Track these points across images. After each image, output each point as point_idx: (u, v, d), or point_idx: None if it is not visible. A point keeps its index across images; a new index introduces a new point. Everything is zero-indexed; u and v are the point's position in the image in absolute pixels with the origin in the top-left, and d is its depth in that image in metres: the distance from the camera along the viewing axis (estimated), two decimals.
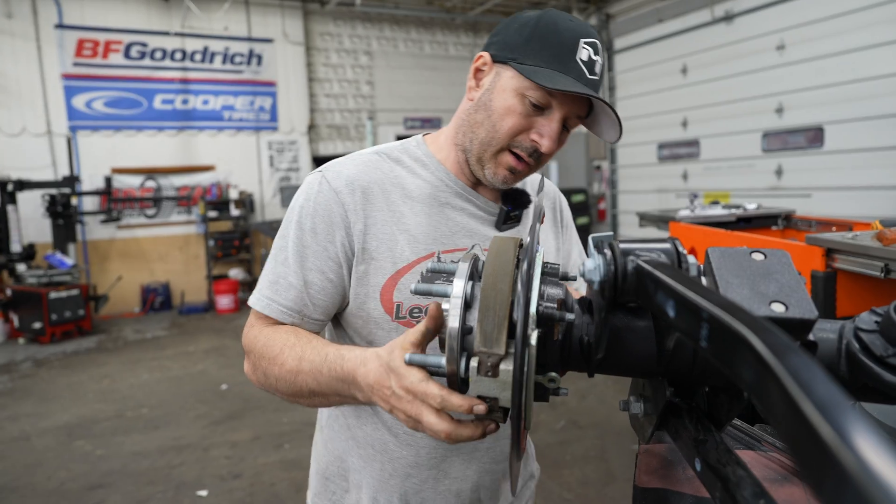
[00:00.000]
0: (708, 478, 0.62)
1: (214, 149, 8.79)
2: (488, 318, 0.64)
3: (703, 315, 0.45)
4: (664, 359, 0.65)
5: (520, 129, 0.97)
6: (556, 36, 0.94)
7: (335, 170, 1.02)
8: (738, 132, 7.32)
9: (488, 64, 1.00)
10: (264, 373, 0.97)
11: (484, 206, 1.08)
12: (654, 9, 8.36)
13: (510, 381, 0.64)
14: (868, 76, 5.96)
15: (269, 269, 1.02)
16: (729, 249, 0.67)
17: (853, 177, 6.21)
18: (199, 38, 8.55)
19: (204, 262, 8.66)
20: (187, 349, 6.26)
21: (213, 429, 4.09)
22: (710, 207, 3.17)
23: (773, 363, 0.36)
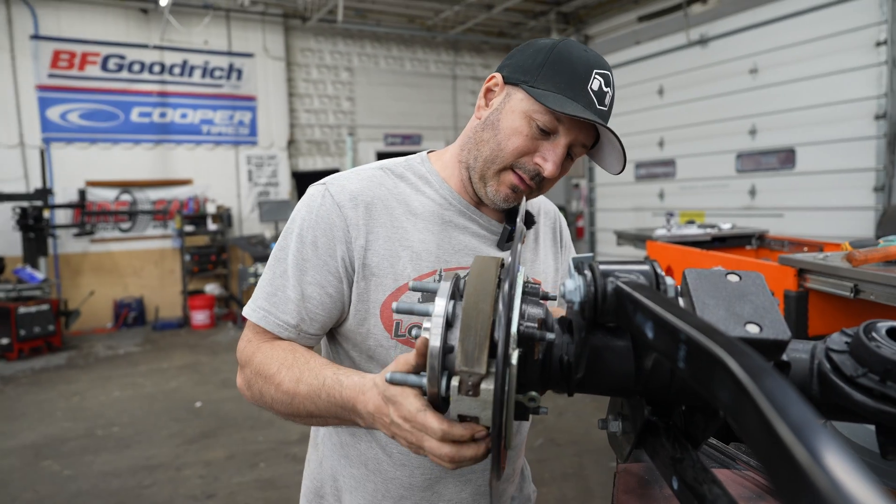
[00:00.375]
0: (685, 496, 0.63)
1: (192, 163, 8.71)
2: (469, 338, 0.64)
3: (680, 336, 0.46)
4: (642, 378, 0.66)
5: (525, 151, 0.98)
6: (570, 64, 0.95)
7: (339, 183, 1.02)
8: (713, 153, 7.47)
9: (500, 85, 1.01)
10: (260, 391, 0.97)
11: (487, 226, 1.08)
12: (631, 31, 8.54)
13: (491, 400, 0.64)
14: (838, 100, 6.14)
15: (266, 281, 1.02)
16: (705, 271, 0.68)
17: (823, 198, 6.37)
18: (179, 51, 8.50)
19: (179, 277, 8.54)
20: (161, 366, 6.14)
21: (187, 448, 4.01)
22: (685, 227, 3.23)
23: (748, 385, 0.36)
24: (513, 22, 9.84)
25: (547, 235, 1.20)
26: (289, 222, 1.03)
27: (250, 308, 1.01)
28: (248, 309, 1.01)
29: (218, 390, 5.23)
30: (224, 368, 5.91)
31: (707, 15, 7.39)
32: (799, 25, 6.41)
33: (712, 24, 7.36)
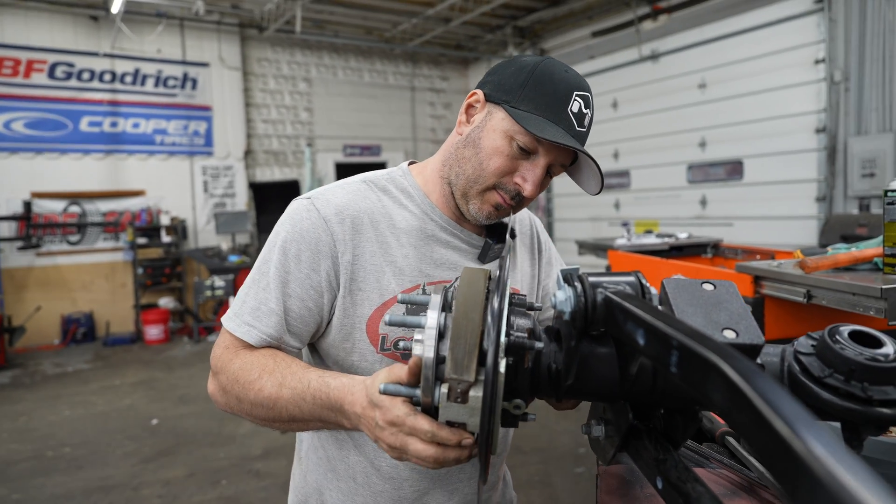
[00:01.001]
0: (670, 495, 0.67)
1: (145, 173, 8.48)
2: (459, 347, 0.66)
3: (672, 343, 0.49)
4: (627, 383, 0.69)
5: (505, 171, 0.99)
6: (551, 85, 0.96)
7: (324, 197, 1.02)
8: (665, 164, 7.71)
9: (481, 102, 1.02)
10: (237, 397, 0.94)
11: (468, 240, 1.09)
12: (585, 46, 8.76)
13: (478, 406, 0.67)
14: (781, 114, 6.44)
15: (249, 294, 1.00)
16: (682, 280, 0.73)
17: (770, 207, 6.66)
18: (131, 59, 8.30)
19: (132, 291, 8.28)
20: (113, 383, 5.94)
21: (144, 466, 3.88)
22: (644, 236, 3.33)
23: (743, 386, 0.40)
24: (470, 35, 9.97)
25: (524, 243, 1.22)
26: (272, 235, 1.03)
27: (234, 322, 0.99)
28: (232, 323, 1.00)
29: (175, 407, 5.09)
30: (180, 384, 5.76)
31: (658, 31, 7.65)
32: (744, 43, 6.71)
33: (663, 41, 7.63)
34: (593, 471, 3.02)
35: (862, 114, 5.83)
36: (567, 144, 0.94)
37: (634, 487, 0.87)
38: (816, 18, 6.09)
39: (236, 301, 1.02)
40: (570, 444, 3.95)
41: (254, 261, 7.98)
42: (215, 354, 1.00)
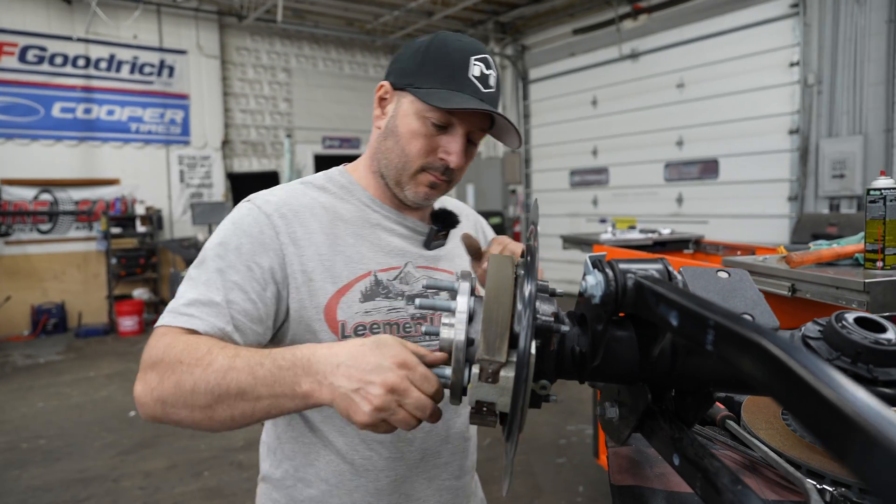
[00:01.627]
0: (687, 470, 0.70)
1: (119, 161, 8.32)
2: (491, 329, 0.69)
3: (709, 323, 0.52)
4: (648, 366, 0.73)
5: (428, 150, 1.01)
6: (447, 57, 0.98)
7: (263, 197, 1.02)
8: (643, 162, 7.84)
9: (389, 92, 1.04)
10: (176, 381, 0.80)
11: (412, 227, 1.11)
12: (566, 43, 8.84)
13: (509, 386, 0.70)
14: (756, 115, 6.60)
15: (187, 291, 0.92)
16: (698, 269, 0.76)
17: (744, 206, 6.82)
18: (106, 45, 8.12)
19: (105, 282, 8.12)
20: (87, 374, 5.83)
21: (123, 458, 3.84)
22: (628, 232, 3.40)
23: (785, 359, 0.43)
24: (452, 29, 9.96)
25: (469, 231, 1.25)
26: (211, 237, 0.99)
27: (170, 316, 0.89)
28: (168, 317, 0.89)
29: None
30: None
31: (638, 31, 7.76)
32: (722, 44, 6.85)
33: (643, 40, 7.74)
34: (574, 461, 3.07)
35: (833, 116, 6.00)
36: (473, 108, 0.96)
37: (644, 467, 0.91)
38: (792, 22, 6.25)
39: (172, 303, 0.92)
40: (552, 436, 4.01)
41: None
42: (149, 347, 0.86)
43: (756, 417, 0.99)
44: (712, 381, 0.75)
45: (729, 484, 0.64)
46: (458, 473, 1.14)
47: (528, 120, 9.70)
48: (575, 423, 4.23)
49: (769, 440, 0.91)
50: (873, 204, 1.59)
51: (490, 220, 9.27)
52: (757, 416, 0.99)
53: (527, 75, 9.66)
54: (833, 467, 0.82)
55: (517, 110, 9.76)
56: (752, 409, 1.02)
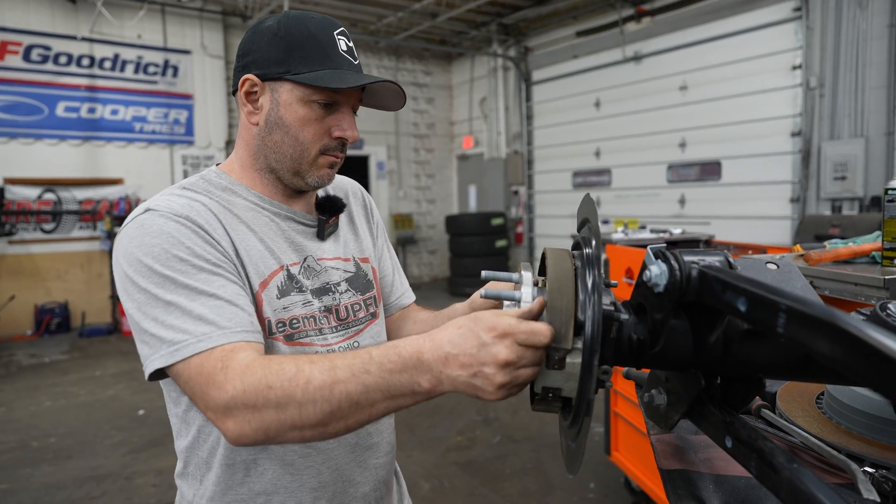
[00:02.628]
0: (741, 452, 0.74)
1: (123, 161, 8.33)
2: (556, 317, 0.73)
3: (780, 307, 0.56)
4: (703, 353, 0.77)
5: (321, 133, 1.01)
6: (313, 38, 0.98)
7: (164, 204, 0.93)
8: (645, 163, 7.88)
9: (258, 84, 1.00)
10: (276, 405, 0.75)
11: (303, 220, 1.09)
12: (569, 45, 8.89)
13: (575, 372, 0.74)
14: (758, 118, 6.65)
15: (182, 314, 0.83)
16: (748, 260, 0.80)
17: (746, 207, 6.87)
18: (110, 44, 8.13)
19: (108, 281, 8.13)
20: (93, 374, 5.85)
21: (135, 456, 3.86)
22: (639, 231, 3.45)
23: (867, 336, 0.47)
24: (455, 31, 10.02)
25: (360, 214, 1.24)
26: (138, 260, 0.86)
27: (193, 344, 0.81)
28: (191, 346, 0.81)
29: (160, 398, 4.98)
30: None
31: (641, 33, 7.81)
32: (725, 47, 6.90)
33: (646, 42, 7.79)
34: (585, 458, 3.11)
35: (835, 119, 6.05)
36: (366, 82, 0.97)
37: (689, 453, 0.94)
38: (794, 26, 6.31)
39: (166, 337, 0.82)
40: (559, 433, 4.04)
41: None
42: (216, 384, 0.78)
43: (791, 406, 1.02)
44: (763, 367, 0.78)
45: (785, 462, 0.68)
46: (386, 450, 1.15)
47: (531, 121, 9.75)
48: None
49: (807, 427, 0.94)
50: (891, 203, 1.63)
51: (493, 221, 9.30)
52: (792, 405, 1.03)
53: (530, 77, 9.70)
54: (871, 450, 0.86)
55: (520, 112, 9.81)
56: (787, 398, 1.05)
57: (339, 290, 1.10)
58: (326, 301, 1.07)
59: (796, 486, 0.64)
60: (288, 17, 1.00)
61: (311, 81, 0.96)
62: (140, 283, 0.85)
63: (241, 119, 1.04)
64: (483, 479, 3.43)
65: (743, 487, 0.87)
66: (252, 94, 1.01)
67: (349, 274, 1.13)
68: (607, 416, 3.21)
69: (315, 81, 0.96)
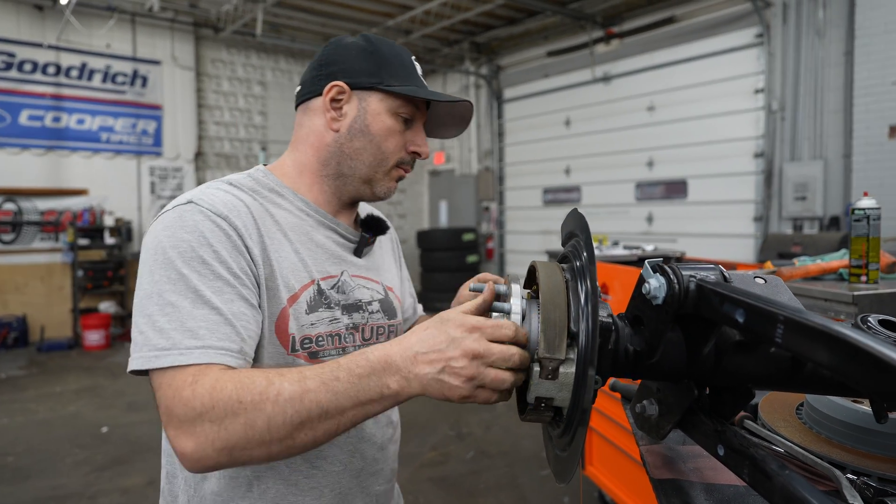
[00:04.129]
0: (733, 459, 0.76)
1: (88, 171, 8.14)
2: (550, 329, 0.74)
3: (779, 318, 0.59)
4: (696, 364, 0.79)
5: (401, 146, 1.05)
6: (398, 58, 1.04)
7: (207, 198, 0.91)
8: (614, 181, 8.04)
9: (346, 92, 1.02)
10: (245, 424, 0.73)
11: (345, 234, 1.09)
12: (541, 64, 9.05)
13: (568, 382, 0.75)
14: (723, 139, 6.86)
15: (175, 320, 0.81)
16: (738, 273, 0.83)
17: (711, 225, 7.05)
18: (77, 53, 7.98)
19: (69, 294, 7.90)
20: (53, 390, 5.66)
21: (98, 475, 3.74)
22: (613, 248, 3.51)
23: (865, 344, 0.49)
24: (428, 48, 10.11)
25: (387, 244, 1.26)
26: (164, 250, 0.85)
27: (174, 355, 0.79)
28: (171, 357, 0.79)
29: (125, 414, 4.91)
30: (128, 391, 5.55)
31: (610, 55, 8.01)
32: (691, 70, 7.12)
33: (615, 64, 7.98)
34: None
35: (796, 141, 6.29)
36: (458, 100, 1.05)
37: (678, 463, 0.97)
38: (757, 51, 6.55)
39: (157, 337, 0.81)
40: (534, 448, 4.06)
41: None
42: (182, 399, 0.76)
43: (773, 416, 1.06)
44: (753, 378, 0.82)
45: (778, 469, 0.70)
46: (388, 477, 1.15)
47: (503, 138, 9.86)
48: None
49: (789, 437, 0.97)
50: (858, 223, 1.71)
51: (464, 237, 9.34)
52: (773, 416, 1.06)
53: (501, 94, 9.83)
54: (851, 458, 0.90)
55: (491, 129, 9.92)
56: (768, 409, 1.09)
57: (370, 308, 1.10)
58: (356, 318, 1.06)
59: (789, 492, 0.67)
60: (372, 37, 1.05)
61: (407, 93, 1.00)
62: (155, 274, 0.84)
63: (313, 125, 1.05)
64: (457, 494, 3.42)
65: (733, 495, 0.89)
66: (337, 101, 1.02)
67: (380, 296, 1.13)
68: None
69: (412, 93, 1.00)
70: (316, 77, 1.04)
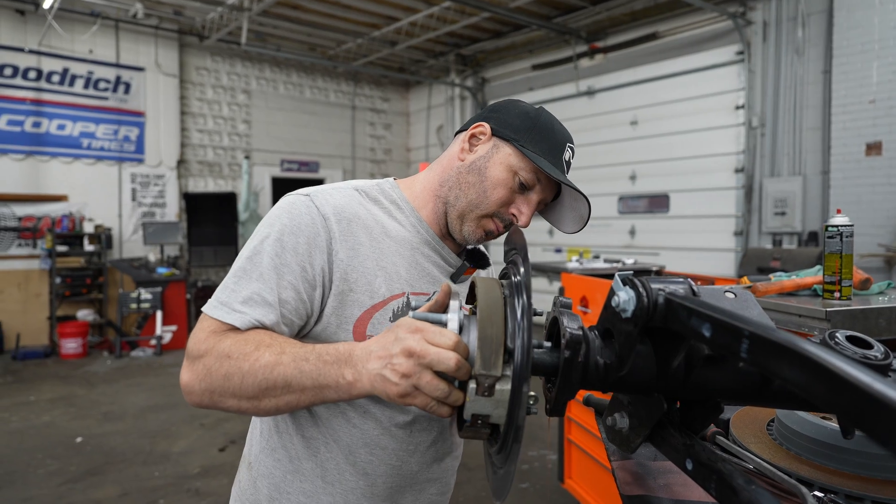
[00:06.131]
0: (701, 473, 0.76)
1: (68, 177, 8.04)
2: (486, 346, 0.73)
3: (744, 333, 0.59)
4: (664, 377, 0.79)
5: (505, 202, 1.08)
6: (553, 134, 1.09)
7: (322, 196, 1.03)
8: (597, 195, 8.10)
9: (487, 134, 1.10)
10: (225, 374, 0.88)
11: (447, 258, 1.14)
12: (525, 77, 9.13)
13: (504, 399, 0.74)
14: (705, 154, 6.95)
15: (239, 284, 0.96)
16: (708, 288, 0.84)
17: (693, 239, 7.12)
18: (59, 58, 7.90)
19: (47, 302, 7.77)
20: (27, 399, 5.54)
21: (71, 486, 3.65)
22: (593, 261, 3.53)
23: (827, 362, 0.49)
24: (413, 59, 10.16)
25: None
26: (264, 227, 1.01)
27: (222, 311, 0.95)
28: (220, 311, 0.95)
29: (100, 424, 4.81)
30: (104, 401, 5.45)
31: (594, 69, 8.10)
32: (674, 86, 7.21)
33: (599, 78, 8.07)
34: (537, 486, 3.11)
35: (775, 157, 6.39)
36: (571, 186, 1.07)
37: (648, 479, 0.97)
38: (738, 68, 6.66)
39: (221, 291, 0.97)
40: None
41: (185, 274, 7.54)
42: (197, 339, 0.94)
43: (744, 432, 1.06)
44: (721, 392, 0.82)
45: (744, 484, 0.70)
46: (443, 490, 1.17)
47: None
48: (536, 448, 4.28)
49: (759, 453, 0.98)
50: (831, 239, 1.73)
51: None
52: (744, 431, 1.07)
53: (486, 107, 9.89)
54: (819, 475, 0.90)
55: None
56: (739, 424, 1.09)
57: None
58: None
59: None
60: (544, 110, 1.13)
61: (529, 156, 1.05)
62: (250, 243, 1.00)
63: (450, 152, 1.14)
64: None
65: None
66: (475, 138, 1.11)
67: None
68: (561, 444, 3.23)
69: (533, 158, 1.05)
70: (477, 116, 1.15)
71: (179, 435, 4.56)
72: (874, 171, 5.51)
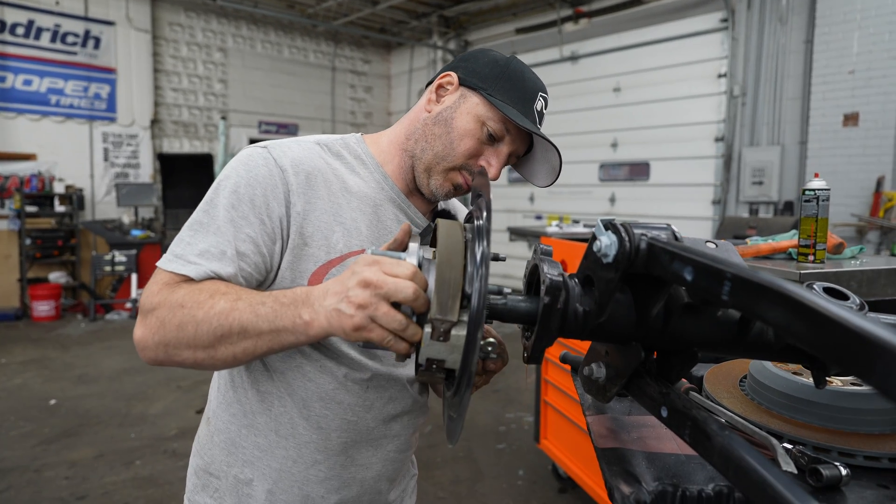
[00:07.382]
0: (676, 420, 0.76)
1: (36, 135, 7.79)
2: (443, 290, 0.72)
3: (726, 275, 0.58)
4: (644, 325, 0.79)
5: (473, 153, 1.04)
6: (523, 83, 1.04)
7: (281, 149, 1.00)
8: (578, 161, 8.09)
9: (454, 84, 1.06)
10: (178, 324, 0.85)
11: (413, 217, 1.11)
12: (509, 41, 8.99)
13: (459, 344, 0.72)
14: (686, 122, 6.95)
15: (196, 237, 0.93)
16: (690, 238, 0.83)
17: (672, 207, 7.18)
18: (23, 9, 7.58)
19: (17, 263, 7.60)
20: None
21: (45, 448, 3.62)
22: (573, 226, 3.53)
23: (808, 300, 0.48)
24: (395, 20, 9.93)
25: None
26: (221, 179, 0.98)
27: (176, 263, 0.91)
28: (174, 264, 0.91)
29: (74, 386, 4.76)
30: (78, 364, 5.39)
31: (578, 34, 8.00)
32: (657, 52, 7.17)
33: (583, 44, 7.98)
34: (514, 447, 3.16)
35: (755, 127, 6.41)
36: (541, 135, 1.03)
37: (622, 433, 0.97)
38: (721, 36, 6.62)
39: (176, 245, 0.94)
40: (491, 423, 4.10)
41: (160, 236, 7.40)
42: (150, 292, 0.90)
43: (717, 388, 1.07)
44: (699, 342, 0.82)
45: (718, 430, 0.70)
46: (403, 447, 1.16)
47: None
48: (514, 410, 4.34)
49: (731, 407, 0.99)
50: (808, 203, 1.74)
51: None
52: (717, 387, 1.08)
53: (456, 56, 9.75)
54: (789, 428, 0.92)
55: None
56: (713, 380, 1.10)
57: None
58: None
59: (728, 452, 0.66)
60: (515, 58, 1.08)
61: (498, 105, 1.01)
62: (207, 196, 0.97)
63: (419, 104, 1.10)
64: None
65: (673, 463, 0.90)
66: (442, 89, 1.07)
67: None
68: (537, 405, 3.28)
69: (499, 107, 1.01)
70: (446, 66, 1.11)
71: (156, 397, 4.54)
72: (850, 141, 5.57)
